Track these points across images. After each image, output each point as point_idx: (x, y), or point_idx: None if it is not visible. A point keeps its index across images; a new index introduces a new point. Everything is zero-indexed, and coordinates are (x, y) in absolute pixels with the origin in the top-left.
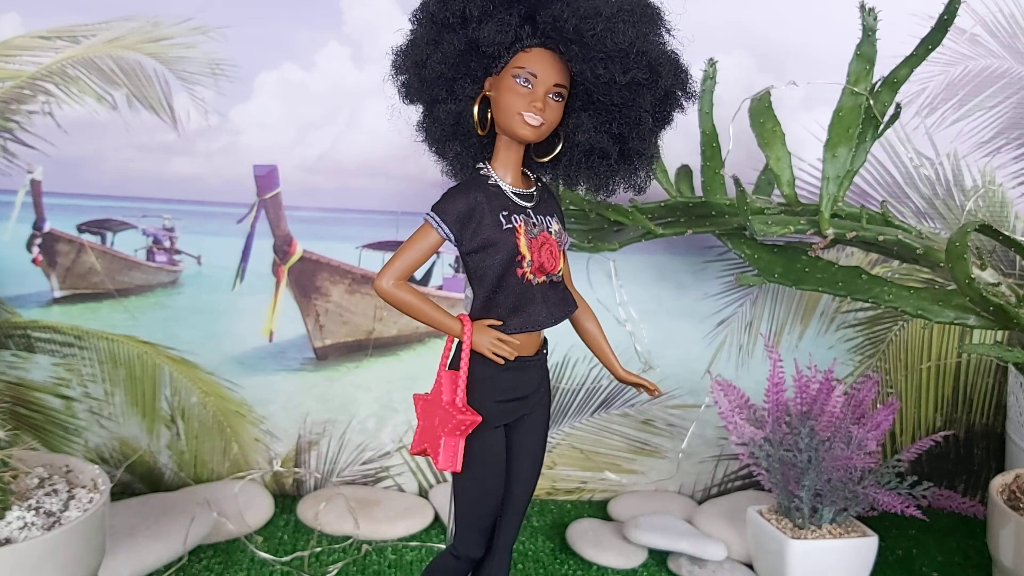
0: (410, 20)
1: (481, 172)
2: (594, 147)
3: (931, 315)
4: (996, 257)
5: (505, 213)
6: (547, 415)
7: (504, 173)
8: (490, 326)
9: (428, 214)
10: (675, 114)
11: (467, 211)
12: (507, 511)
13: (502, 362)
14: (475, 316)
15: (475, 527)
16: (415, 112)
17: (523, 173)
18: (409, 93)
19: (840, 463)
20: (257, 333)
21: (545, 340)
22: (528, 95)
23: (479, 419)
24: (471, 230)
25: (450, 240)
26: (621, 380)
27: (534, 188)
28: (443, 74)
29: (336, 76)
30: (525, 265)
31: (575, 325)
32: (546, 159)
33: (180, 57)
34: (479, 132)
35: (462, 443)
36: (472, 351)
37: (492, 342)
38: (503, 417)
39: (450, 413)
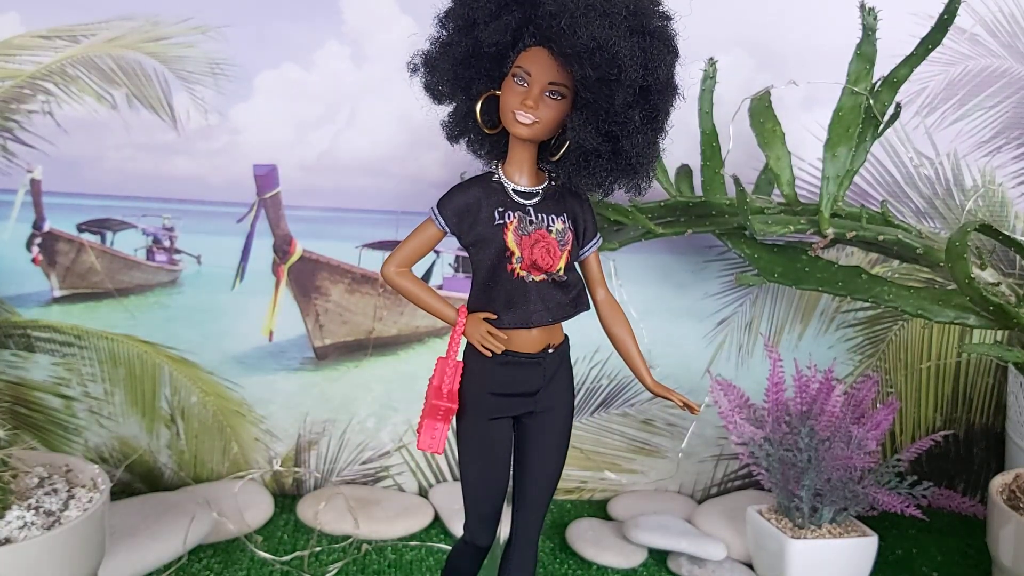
0: (434, 24)
1: (491, 169)
2: (586, 146)
3: (931, 315)
4: (996, 257)
5: (500, 209)
6: (564, 416)
7: (513, 171)
8: (485, 319)
9: (431, 207)
10: (664, 112)
11: (464, 206)
12: (523, 507)
13: (488, 354)
14: (470, 308)
15: (476, 514)
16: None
17: (541, 171)
18: (437, 95)
19: (840, 463)
20: (257, 333)
21: (565, 339)
22: (522, 93)
23: (454, 407)
24: (468, 224)
25: (447, 232)
26: (651, 391)
27: (541, 186)
28: (460, 75)
29: (336, 75)
30: (515, 261)
31: (606, 331)
32: (554, 158)
33: (180, 56)
34: (485, 130)
35: (444, 427)
36: (468, 343)
37: (482, 335)
38: (500, 410)
39: (428, 395)
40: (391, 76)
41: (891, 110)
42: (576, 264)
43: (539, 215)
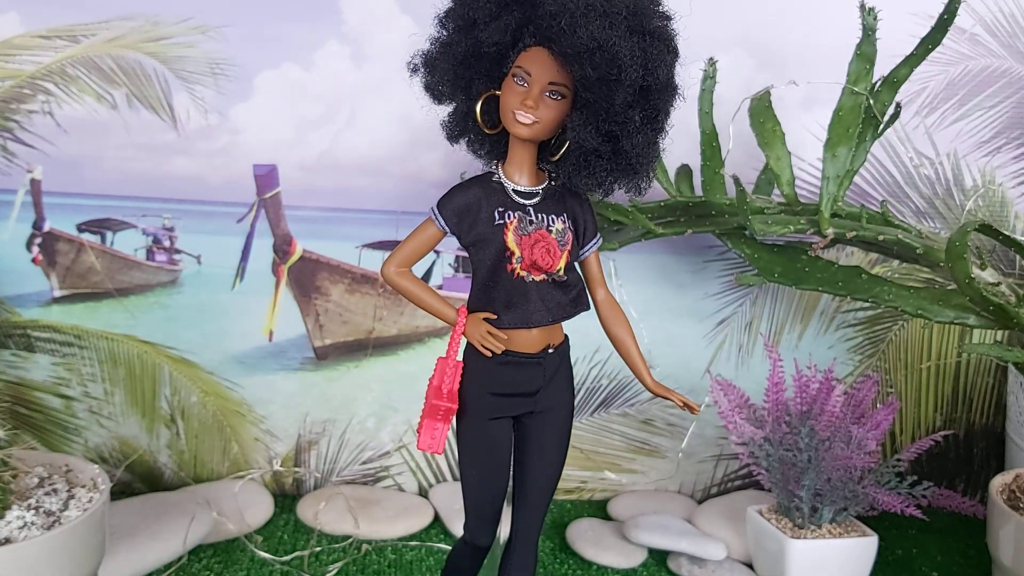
0: (434, 24)
1: (491, 169)
2: (586, 146)
3: (931, 315)
4: (996, 257)
5: (500, 210)
6: (564, 416)
7: (513, 171)
8: (485, 319)
9: (432, 207)
10: (664, 112)
11: (464, 206)
12: (522, 507)
13: (488, 355)
14: (470, 308)
15: (475, 514)
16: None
17: (541, 171)
18: (437, 95)
19: (840, 463)
20: (257, 333)
21: (565, 339)
22: (522, 93)
23: (454, 407)
24: (468, 224)
25: (447, 232)
26: (651, 391)
27: (541, 186)
28: (460, 75)
29: (336, 75)
30: (515, 261)
31: (606, 331)
32: (554, 158)
33: (180, 56)
34: (485, 130)
35: (444, 427)
36: (468, 343)
37: (482, 335)
38: (500, 410)
39: (428, 395)
40: (391, 76)
41: (891, 110)
42: (576, 264)
43: (539, 215)
